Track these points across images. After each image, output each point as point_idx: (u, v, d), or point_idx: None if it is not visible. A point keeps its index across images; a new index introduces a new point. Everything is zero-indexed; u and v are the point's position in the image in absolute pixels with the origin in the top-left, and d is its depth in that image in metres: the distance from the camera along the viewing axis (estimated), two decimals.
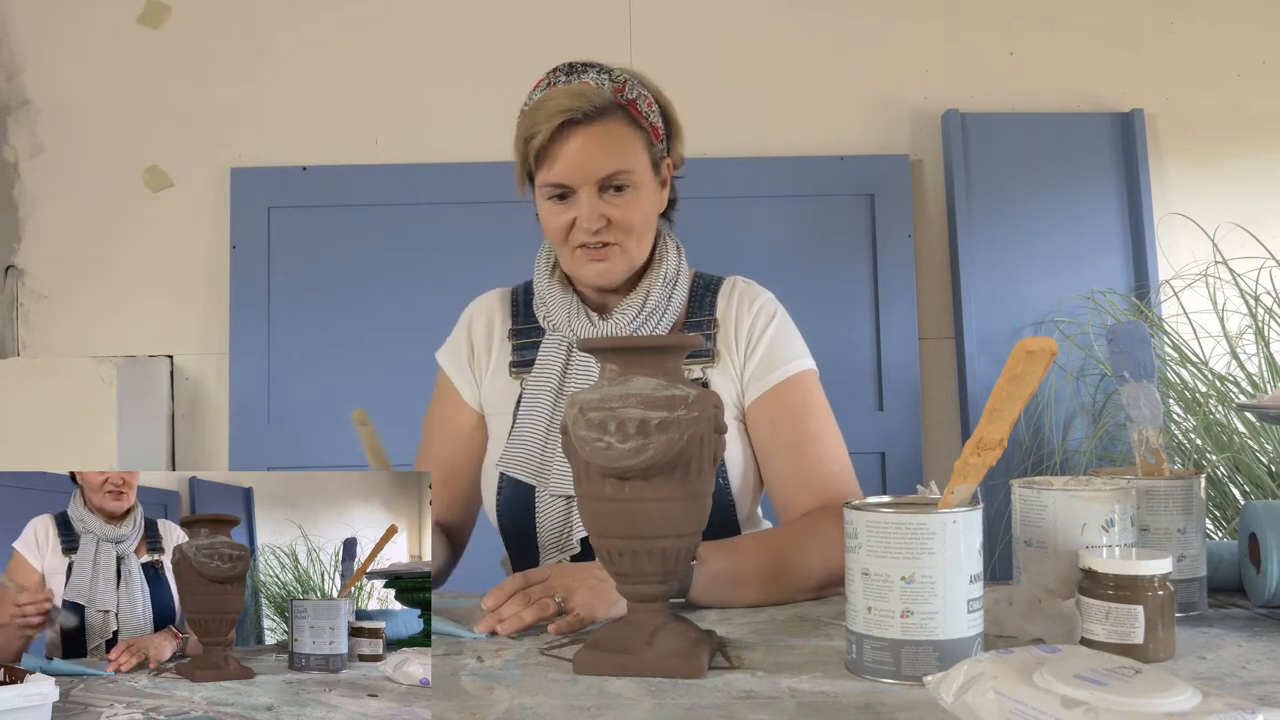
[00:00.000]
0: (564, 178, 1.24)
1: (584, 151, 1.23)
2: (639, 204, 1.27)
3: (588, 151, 1.23)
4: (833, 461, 1.27)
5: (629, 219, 1.26)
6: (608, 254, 1.27)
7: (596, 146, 1.23)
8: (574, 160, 1.23)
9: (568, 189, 1.25)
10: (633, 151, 1.26)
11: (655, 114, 1.30)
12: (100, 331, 2.39)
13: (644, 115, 1.27)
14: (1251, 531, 1.04)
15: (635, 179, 1.26)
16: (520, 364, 1.35)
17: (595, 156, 1.23)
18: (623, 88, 1.26)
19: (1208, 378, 2.09)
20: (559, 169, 1.24)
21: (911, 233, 2.38)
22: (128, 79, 2.40)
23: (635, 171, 1.26)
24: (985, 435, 0.83)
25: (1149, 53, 2.46)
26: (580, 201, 1.24)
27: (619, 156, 1.24)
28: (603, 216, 1.25)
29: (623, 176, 1.25)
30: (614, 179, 1.24)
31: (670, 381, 0.89)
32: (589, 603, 1.02)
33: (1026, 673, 0.67)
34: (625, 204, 1.26)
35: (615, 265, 1.28)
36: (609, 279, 1.29)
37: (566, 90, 1.24)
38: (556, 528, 1.27)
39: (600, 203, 1.25)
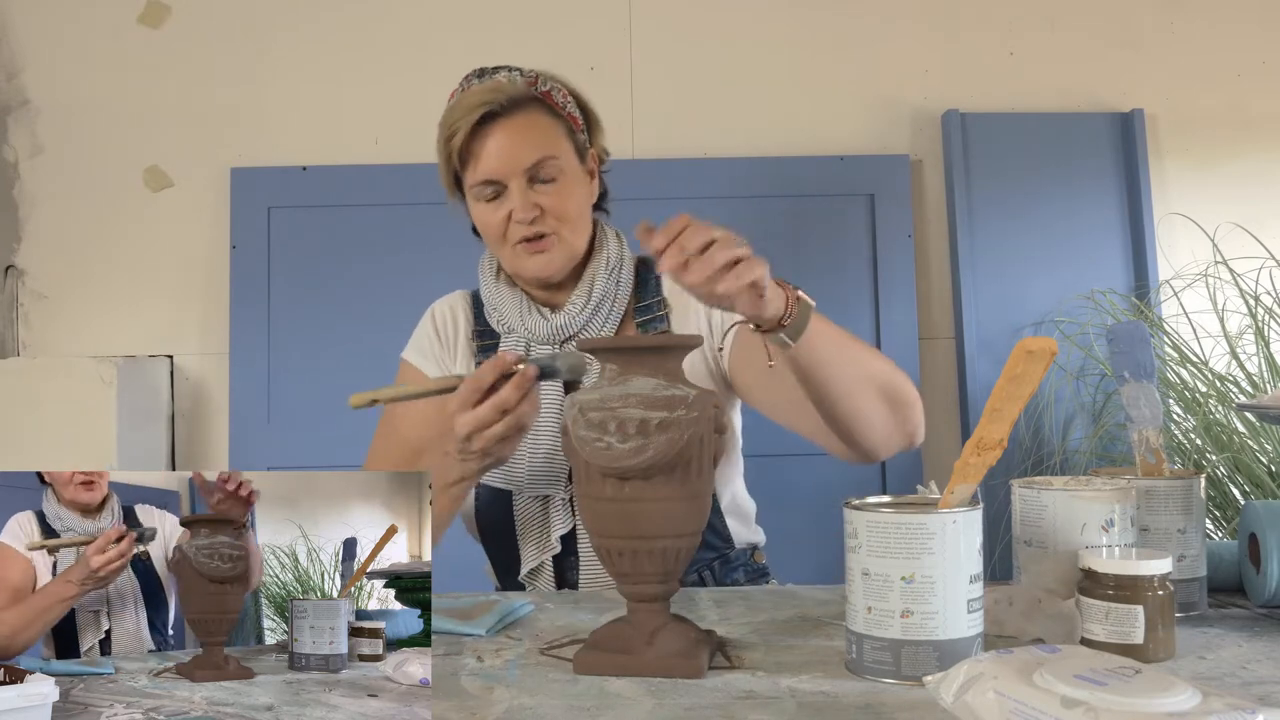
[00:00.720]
0: (492, 172, 1.25)
1: (507, 143, 1.25)
2: (570, 191, 1.28)
3: (511, 142, 1.25)
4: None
5: (562, 206, 1.27)
6: (547, 244, 1.27)
7: (519, 136, 1.25)
8: (499, 153, 1.25)
9: (497, 184, 1.26)
10: (555, 139, 1.27)
11: (572, 105, 1.32)
12: (100, 331, 2.39)
13: (560, 105, 1.30)
14: (1251, 531, 1.04)
15: (562, 166, 1.27)
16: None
17: (519, 146, 1.25)
18: (535, 81, 1.29)
19: (1208, 378, 2.09)
20: (485, 164, 1.25)
21: (911, 233, 2.38)
22: (128, 79, 2.40)
23: (560, 158, 1.27)
24: (985, 435, 0.83)
25: (1149, 53, 2.46)
26: (511, 195, 1.26)
27: (542, 144, 1.26)
28: (536, 206, 1.26)
29: (549, 165, 1.26)
30: (541, 168, 1.26)
31: (670, 381, 0.89)
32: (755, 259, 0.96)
33: (1026, 673, 0.67)
34: (556, 192, 1.27)
35: (555, 256, 1.28)
36: (551, 270, 1.29)
37: (480, 88, 1.26)
38: (535, 529, 1.28)
39: (531, 193, 1.26)
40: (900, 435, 1.20)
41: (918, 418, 1.20)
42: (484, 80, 1.29)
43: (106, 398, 2.12)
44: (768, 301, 0.99)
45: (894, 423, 1.18)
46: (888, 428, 1.17)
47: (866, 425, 1.16)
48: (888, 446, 1.20)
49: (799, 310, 1.02)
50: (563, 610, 1.10)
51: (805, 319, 1.03)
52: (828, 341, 1.08)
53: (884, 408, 1.16)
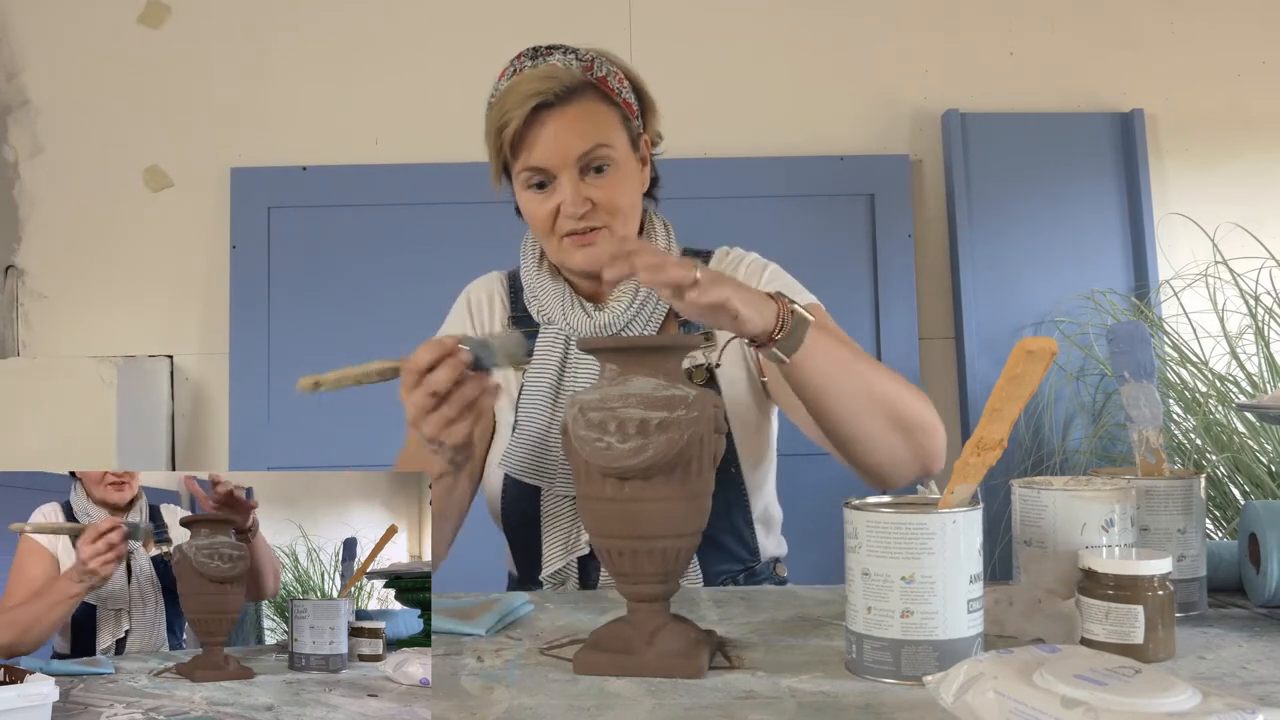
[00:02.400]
0: (543, 161, 1.20)
1: (560, 133, 1.19)
2: (622, 183, 1.23)
3: (564, 132, 1.19)
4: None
5: (614, 199, 1.22)
6: (596, 238, 1.22)
7: (572, 126, 1.20)
8: (551, 143, 1.19)
9: (547, 174, 1.21)
10: (609, 128, 1.22)
11: (627, 90, 1.26)
12: (100, 331, 2.39)
13: (616, 91, 1.24)
14: (1251, 531, 1.04)
15: (615, 156, 1.22)
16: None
17: (572, 136, 1.19)
18: (591, 65, 1.23)
19: (1208, 378, 2.09)
20: (537, 153, 1.20)
21: (911, 233, 2.38)
22: (128, 79, 2.40)
23: (615, 148, 1.22)
24: (985, 435, 0.83)
25: (1149, 53, 2.47)
26: (562, 186, 1.21)
27: (596, 133, 1.20)
28: (586, 200, 1.21)
29: (602, 153, 1.21)
30: (594, 158, 1.21)
31: (670, 381, 0.89)
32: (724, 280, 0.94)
33: (1026, 673, 0.67)
34: (608, 184, 1.22)
35: (604, 249, 1.21)
36: (599, 264, 1.23)
37: (534, 74, 1.20)
38: (564, 528, 1.24)
39: (583, 185, 1.21)
40: (915, 463, 1.13)
41: (935, 446, 1.13)
42: (537, 64, 1.22)
43: (106, 398, 2.12)
44: (746, 319, 0.96)
45: (907, 449, 1.11)
46: (898, 454, 1.11)
47: (873, 449, 1.10)
48: (899, 473, 1.13)
49: (793, 325, 0.99)
50: (563, 610, 1.10)
51: (800, 335, 0.99)
52: (829, 360, 1.04)
53: (894, 433, 1.09)
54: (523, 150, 1.21)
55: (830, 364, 1.04)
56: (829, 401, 1.06)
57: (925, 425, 1.12)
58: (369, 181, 2.37)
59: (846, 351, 1.07)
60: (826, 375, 1.04)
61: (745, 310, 0.96)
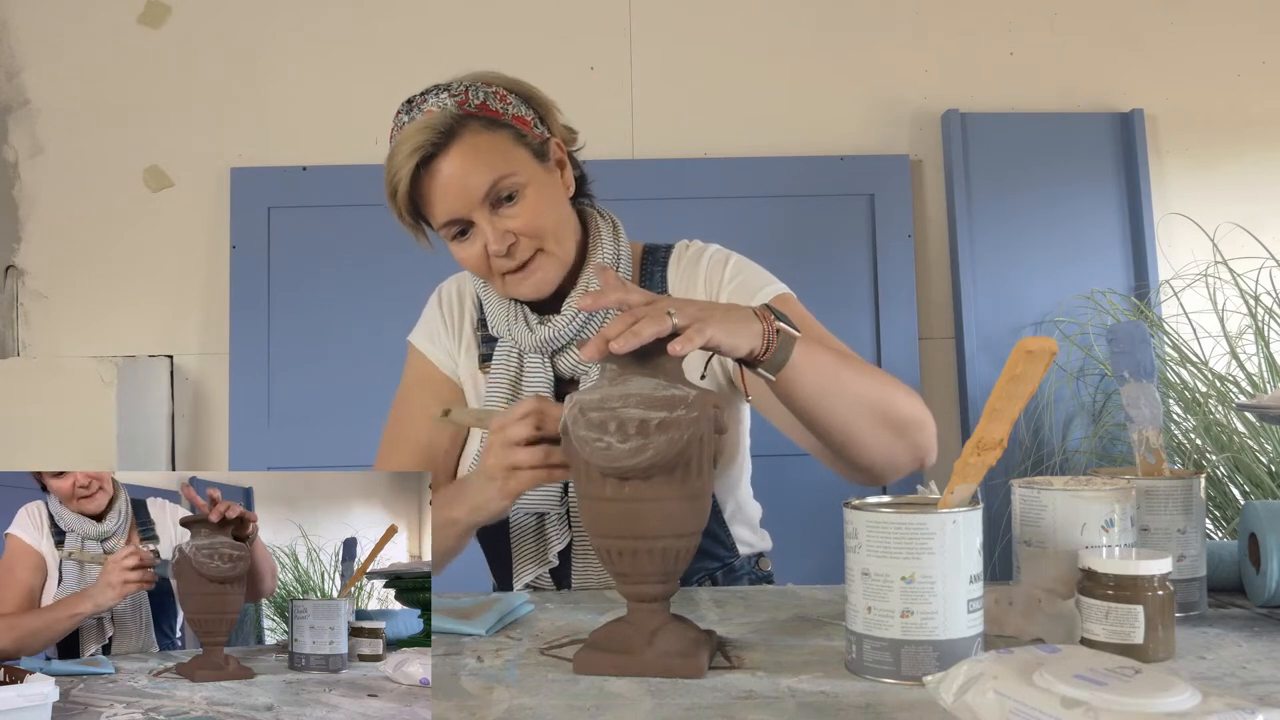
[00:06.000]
0: (450, 213, 1.18)
1: (454, 179, 1.16)
2: (538, 203, 1.19)
3: (458, 177, 1.16)
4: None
5: (535, 224, 1.19)
6: (535, 265, 1.20)
7: (464, 168, 1.16)
8: (450, 191, 1.17)
9: (461, 221, 1.19)
10: (503, 154, 1.18)
11: (514, 104, 1.22)
12: (100, 331, 2.39)
13: (500, 113, 1.20)
14: (1251, 531, 1.04)
15: (520, 180, 1.18)
16: (485, 358, 1.31)
17: (468, 178, 1.16)
18: (465, 97, 1.19)
19: (1208, 378, 2.09)
20: (441, 206, 1.18)
21: (911, 233, 2.38)
22: (128, 79, 2.40)
23: (517, 172, 1.18)
24: (985, 435, 0.83)
25: (1149, 53, 2.47)
26: (480, 228, 1.18)
27: (491, 166, 1.17)
28: (508, 233, 1.18)
29: (506, 183, 1.17)
30: (499, 190, 1.17)
31: (670, 381, 0.89)
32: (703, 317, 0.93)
33: (1026, 673, 0.67)
34: (524, 210, 1.18)
35: (548, 272, 1.21)
36: (547, 288, 1.22)
37: (412, 128, 1.17)
38: (531, 543, 1.25)
39: (498, 220, 1.18)
40: (908, 458, 1.14)
41: (926, 439, 1.14)
42: (413, 115, 1.20)
43: (106, 398, 2.12)
44: (731, 349, 0.95)
45: (899, 446, 1.12)
46: (891, 452, 1.12)
47: (866, 450, 1.10)
48: (893, 470, 1.14)
49: (779, 344, 0.98)
50: (563, 610, 1.10)
51: (785, 354, 0.99)
52: (816, 373, 1.03)
53: (885, 433, 1.10)
54: (427, 207, 1.20)
55: (818, 376, 1.03)
56: (819, 412, 1.06)
57: (915, 420, 1.13)
58: (369, 181, 2.34)
59: (832, 359, 1.06)
60: (815, 387, 1.03)
61: (729, 341, 0.95)
